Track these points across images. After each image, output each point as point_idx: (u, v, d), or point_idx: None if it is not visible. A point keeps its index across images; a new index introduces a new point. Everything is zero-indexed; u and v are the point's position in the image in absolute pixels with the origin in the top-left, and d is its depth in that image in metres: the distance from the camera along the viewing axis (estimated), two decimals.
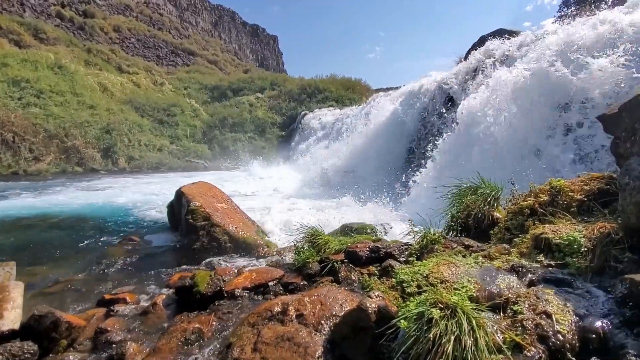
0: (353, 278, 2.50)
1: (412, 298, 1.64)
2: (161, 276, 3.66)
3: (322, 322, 1.86)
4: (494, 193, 2.86)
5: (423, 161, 7.29)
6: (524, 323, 1.40)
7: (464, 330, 1.31)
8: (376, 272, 2.46)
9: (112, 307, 2.74)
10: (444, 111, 8.59)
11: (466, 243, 2.47)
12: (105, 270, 3.93)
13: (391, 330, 1.50)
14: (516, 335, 1.37)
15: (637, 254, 1.65)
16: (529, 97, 5.20)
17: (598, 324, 1.37)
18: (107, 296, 3.00)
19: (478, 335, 1.31)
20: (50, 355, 2.16)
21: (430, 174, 6.58)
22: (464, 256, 2.19)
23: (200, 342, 2.10)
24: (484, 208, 2.81)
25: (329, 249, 2.95)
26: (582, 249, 1.83)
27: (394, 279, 2.10)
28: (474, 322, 1.35)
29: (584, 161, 4.31)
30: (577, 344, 1.34)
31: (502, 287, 1.68)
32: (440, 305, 1.43)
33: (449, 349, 1.27)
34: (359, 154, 11.60)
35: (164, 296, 2.87)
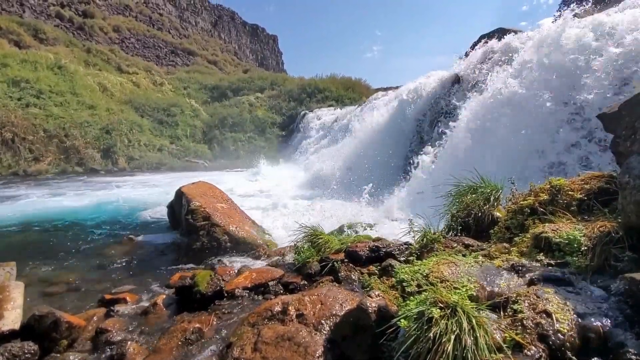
0: (353, 277, 2.50)
1: (412, 297, 1.64)
2: (161, 276, 3.66)
3: (322, 321, 1.86)
4: (494, 192, 2.86)
5: (423, 159, 7.28)
6: (524, 322, 1.40)
7: (464, 329, 1.31)
8: (376, 271, 2.46)
9: (112, 307, 2.75)
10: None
11: (466, 242, 2.47)
12: (106, 270, 3.93)
13: (391, 330, 1.50)
14: (516, 334, 1.37)
15: (637, 252, 1.65)
16: None
17: (598, 322, 1.36)
18: (107, 296, 3.00)
19: (478, 334, 1.31)
20: (51, 355, 2.16)
21: (430, 173, 6.57)
22: (464, 255, 2.19)
23: (201, 341, 2.10)
24: (484, 207, 2.80)
25: (329, 248, 2.96)
26: (582, 248, 1.83)
27: (394, 278, 2.10)
28: (474, 321, 1.35)
29: None
30: (577, 343, 1.34)
31: (502, 286, 1.68)
32: (441, 304, 1.43)
33: (449, 348, 1.27)
34: (359, 153, 11.58)
35: (164, 296, 2.88)
